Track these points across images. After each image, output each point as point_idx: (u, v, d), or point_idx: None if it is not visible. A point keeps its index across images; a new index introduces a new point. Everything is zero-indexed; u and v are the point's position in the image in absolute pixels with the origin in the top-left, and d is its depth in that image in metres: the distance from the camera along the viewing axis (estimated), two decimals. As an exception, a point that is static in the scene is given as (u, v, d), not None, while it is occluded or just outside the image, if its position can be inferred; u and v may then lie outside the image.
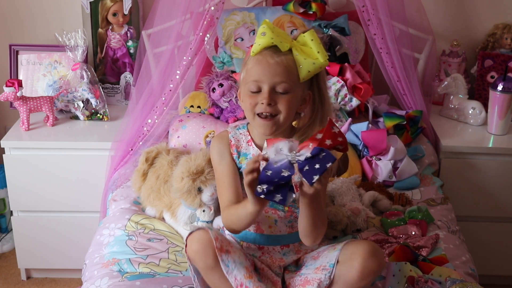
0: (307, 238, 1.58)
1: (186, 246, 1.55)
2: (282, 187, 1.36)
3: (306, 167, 1.34)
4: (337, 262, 1.53)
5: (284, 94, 1.55)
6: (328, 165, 1.34)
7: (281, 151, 1.38)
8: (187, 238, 1.56)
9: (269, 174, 1.36)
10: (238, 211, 1.56)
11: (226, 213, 1.63)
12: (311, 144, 1.36)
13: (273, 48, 1.54)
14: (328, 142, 1.36)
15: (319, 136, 1.37)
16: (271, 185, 1.35)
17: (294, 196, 1.38)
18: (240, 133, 1.69)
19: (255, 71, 1.55)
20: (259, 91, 1.56)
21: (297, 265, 1.69)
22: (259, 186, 1.36)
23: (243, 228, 1.60)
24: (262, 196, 1.37)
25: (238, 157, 1.65)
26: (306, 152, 1.36)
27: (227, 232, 1.70)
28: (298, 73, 1.55)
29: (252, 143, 1.66)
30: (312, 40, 1.54)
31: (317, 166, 1.34)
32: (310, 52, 1.54)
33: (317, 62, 1.54)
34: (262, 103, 1.55)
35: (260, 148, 1.64)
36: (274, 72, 1.53)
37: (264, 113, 1.56)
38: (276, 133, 1.60)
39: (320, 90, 1.61)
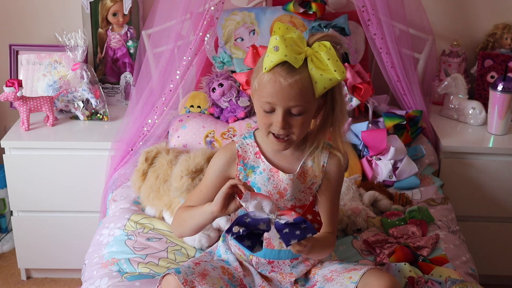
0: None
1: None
2: (254, 237, 1.40)
3: (286, 230, 1.38)
4: None
5: (299, 115, 1.49)
6: (309, 235, 1.38)
7: (262, 209, 1.41)
8: (160, 280, 1.54)
9: (247, 221, 1.39)
10: (193, 209, 1.58)
11: (180, 211, 1.63)
12: (293, 213, 1.40)
13: (286, 66, 1.44)
14: (309, 216, 1.39)
15: (299, 210, 1.40)
16: (247, 231, 1.39)
17: (260, 250, 1.43)
18: (247, 144, 1.62)
19: (268, 91, 1.46)
20: (272, 111, 1.49)
21: (306, 277, 1.67)
22: (237, 226, 1.39)
23: (188, 230, 1.60)
24: (233, 237, 1.40)
25: (245, 169, 1.60)
26: (288, 218, 1.39)
27: (232, 243, 1.68)
28: (313, 89, 1.46)
29: (261, 156, 1.60)
30: (328, 59, 1.45)
31: (297, 232, 1.38)
32: (325, 62, 1.46)
33: (334, 78, 1.46)
34: (276, 126, 1.49)
35: (270, 161, 1.60)
36: (288, 95, 1.45)
37: (277, 134, 1.52)
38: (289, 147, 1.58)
39: (333, 96, 1.54)
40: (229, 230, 1.40)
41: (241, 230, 1.38)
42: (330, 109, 1.55)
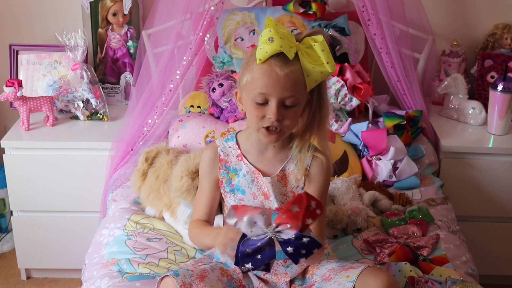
0: None
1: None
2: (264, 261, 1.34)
3: (291, 250, 1.30)
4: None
5: (292, 107, 1.50)
6: (314, 250, 1.31)
7: (256, 225, 1.32)
8: (158, 282, 1.54)
9: (250, 251, 1.32)
10: (202, 234, 1.59)
11: (192, 226, 1.67)
12: (289, 225, 1.30)
13: (281, 57, 1.45)
14: (309, 221, 1.30)
15: (295, 209, 1.29)
16: (254, 263, 1.33)
17: (275, 261, 1.36)
18: (229, 146, 1.63)
19: (262, 82, 1.47)
20: (265, 103, 1.49)
21: (304, 277, 1.66)
22: (245, 266, 1.33)
23: (199, 247, 1.68)
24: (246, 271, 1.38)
25: (227, 173, 1.61)
26: (287, 231, 1.31)
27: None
28: (305, 82, 1.48)
29: (243, 158, 1.61)
30: (323, 50, 1.46)
31: (303, 251, 1.31)
32: (316, 56, 1.48)
33: (325, 71, 1.47)
34: (270, 118, 1.49)
35: (252, 163, 1.60)
36: (283, 86, 1.46)
37: (271, 127, 1.52)
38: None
39: (320, 93, 1.56)
40: (237, 263, 1.34)
41: (250, 267, 1.33)
42: (317, 107, 1.56)
